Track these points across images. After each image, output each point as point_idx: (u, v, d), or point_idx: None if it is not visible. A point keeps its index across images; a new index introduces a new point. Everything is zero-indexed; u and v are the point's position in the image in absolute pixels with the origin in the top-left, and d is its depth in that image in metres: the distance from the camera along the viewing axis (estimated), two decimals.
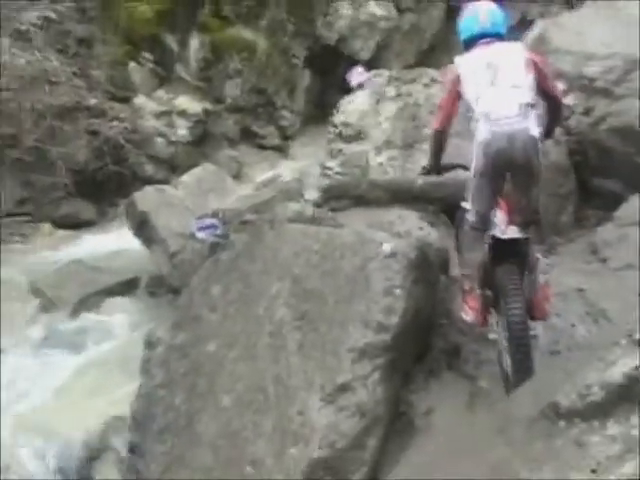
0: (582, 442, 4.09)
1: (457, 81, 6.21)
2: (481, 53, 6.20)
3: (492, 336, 6.15)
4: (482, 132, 5.91)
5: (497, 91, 5.98)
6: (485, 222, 6.10)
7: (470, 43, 6.35)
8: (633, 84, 8.55)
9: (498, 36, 6.30)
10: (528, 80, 6.05)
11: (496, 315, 6.11)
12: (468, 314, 6.29)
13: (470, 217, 6.15)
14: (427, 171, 6.84)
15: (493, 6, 6.56)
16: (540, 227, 6.10)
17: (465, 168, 6.52)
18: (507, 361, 5.92)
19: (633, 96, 8.50)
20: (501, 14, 6.49)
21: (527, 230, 5.99)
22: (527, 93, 5.99)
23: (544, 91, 6.36)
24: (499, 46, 6.23)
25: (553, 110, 6.59)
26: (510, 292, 5.84)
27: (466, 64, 6.22)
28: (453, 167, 6.73)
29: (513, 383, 5.74)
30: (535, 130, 5.93)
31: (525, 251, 6.04)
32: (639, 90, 8.45)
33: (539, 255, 6.14)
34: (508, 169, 5.92)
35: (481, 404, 6.17)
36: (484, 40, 6.25)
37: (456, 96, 6.25)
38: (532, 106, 5.98)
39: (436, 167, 6.69)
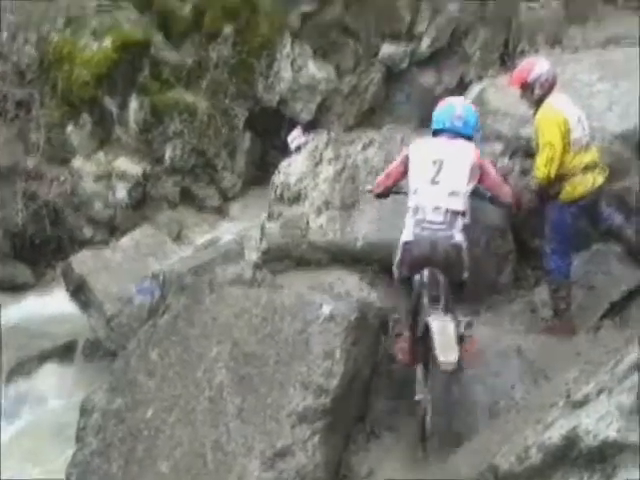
0: None
1: (406, 160, 6.55)
2: (434, 145, 6.52)
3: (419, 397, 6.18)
4: (407, 231, 6.29)
5: (433, 192, 6.28)
6: (404, 280, 6.40)
7: (438, 132, 6.62)
8: None
9: (466, 137, 6.55)
10: (468, 188, 6.35)
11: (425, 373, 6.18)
12: (398, 354, 6.59)
13: (395, 273, 6.48)
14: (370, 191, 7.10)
15: (469, 104, 6.78)
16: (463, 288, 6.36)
17: None
18: (429, 405, 5.98)
19: None
20: (475, 114, 6.69)
21: None
22: (461, 201, 6.30)
23: (491, 194, 6.70)
24: (454, 144, 6.48)
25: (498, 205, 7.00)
26: None
27: (417, 152, 6.54)
28: (398, 192, 6.91)
29: (431, 427, 5.91)
30: (459, 237, 6.24)
31: None
32: None
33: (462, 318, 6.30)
34: (428, 266, 6.19)
35: (421, 465, 6.13)
36: (449, 134, 6.52)
37: (403, 170, 6.60)
38: (462, 215, 6.27)
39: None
